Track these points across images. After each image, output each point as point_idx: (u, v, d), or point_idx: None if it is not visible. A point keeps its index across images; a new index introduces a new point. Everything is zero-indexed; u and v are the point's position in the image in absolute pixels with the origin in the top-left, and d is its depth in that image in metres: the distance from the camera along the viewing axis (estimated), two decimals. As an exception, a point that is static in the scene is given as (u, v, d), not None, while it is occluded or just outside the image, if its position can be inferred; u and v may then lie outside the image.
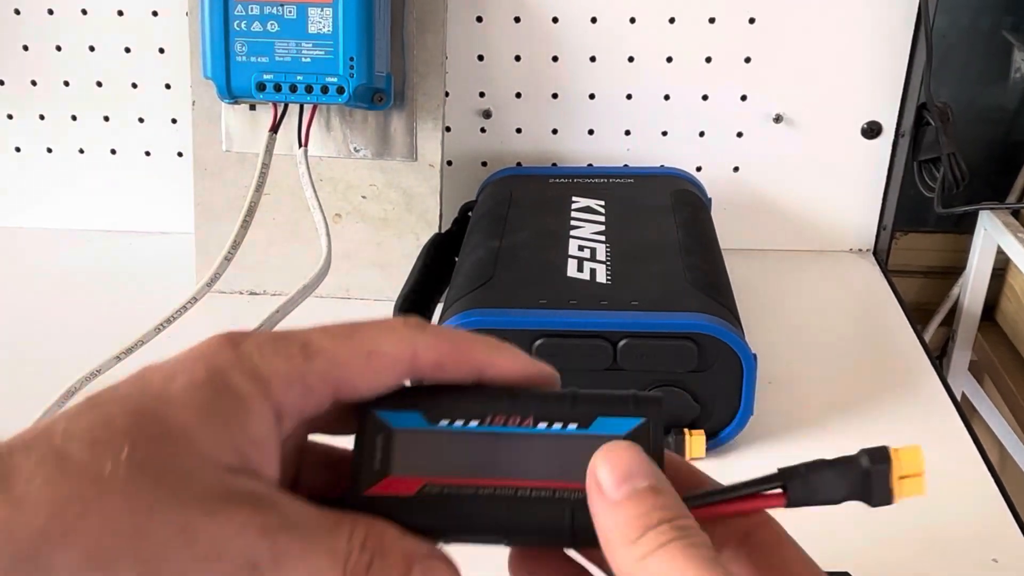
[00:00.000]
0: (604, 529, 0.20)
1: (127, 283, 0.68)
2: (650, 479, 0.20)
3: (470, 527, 0.21)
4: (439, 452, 0.22)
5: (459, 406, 0.22)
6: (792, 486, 0.21)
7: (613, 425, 0.22)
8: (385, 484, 0.21)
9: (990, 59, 0.79)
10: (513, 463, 0.21)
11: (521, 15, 0.66)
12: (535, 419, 0.22)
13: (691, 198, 0.61)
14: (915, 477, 0.21)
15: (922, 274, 0.86)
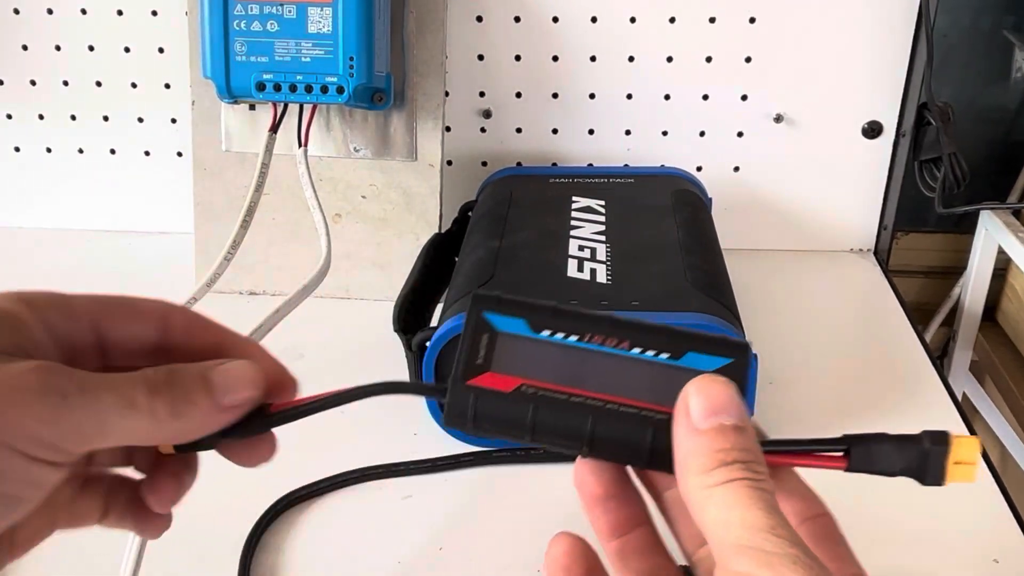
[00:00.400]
0: (682, 453, 0.21)
1: (126, 283, 0.68)
2: (736, 418, 0.21)
3: (557, 430, 0.23)
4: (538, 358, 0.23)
5: (562, 321, 0.23)
6: (855, 451, 0.23)
7: (703, 361, 0.23)
8: (486, 378, 0.23)
9: (991, 59, 0.79)
10: (605, 379, 0.23)
11: (521, 15, 0.66)
12: (631, 344, 0.23)
13: (691, 198, 0.61)
14: (968, 465, 0.22)
15: (923, 274, 0.86)
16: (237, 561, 0.42)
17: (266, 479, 0.47)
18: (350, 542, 0.44)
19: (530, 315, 0.24)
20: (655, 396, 0.23)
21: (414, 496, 0.46)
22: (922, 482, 0.23)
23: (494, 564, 0.42)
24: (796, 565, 0.19)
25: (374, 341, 0.58)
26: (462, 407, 0.23)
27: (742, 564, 0.19)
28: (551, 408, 0.23)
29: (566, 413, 0.23)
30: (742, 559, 0.19)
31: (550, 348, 0.23)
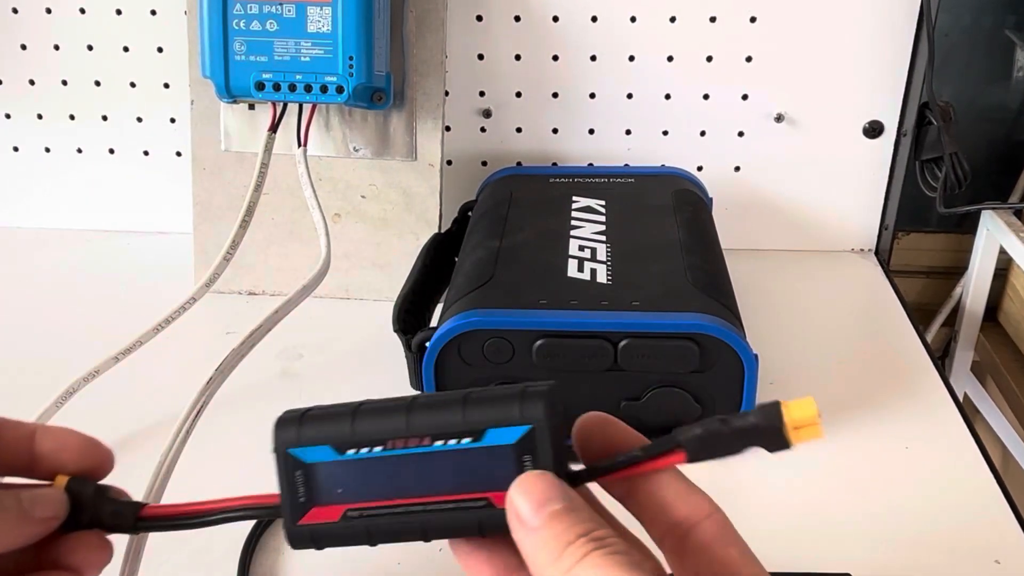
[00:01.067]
0: (530, 553, 0.22)
1: (125, 283, 0.68)
2: (563, 501, 0.22)
3: (394, 535, 0.24)
4: (352, 480, 0.24)
5: (358, 436, 0.24)
6: (690, 447, 0.23)
7: (502, 435, 0.24)
8: (313, 514, 0.25)
9: (992, 58, 0.79)
10: (419, 482, 0.24)
11: (521, 14, 0.66)
12: (432, 438, 0.24)
13: (692, 198, 0.61)
14: (810, 426, 0.23)
15: (924, 274, 0.86)
16: (236, 562, 0.42)
17: (265, 479, 0.46)
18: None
19: (331, 436, 0.25)
20: (468, 485, 0.24)
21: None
22: (769, 451, 0.23)
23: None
24: None
25: (374, 341, 0.57)
26: (303, 540, 0.25)
27: None
28: (380, 522, 0.24)
29: (395, 522, 0.24)
30: None
31: (359, 466, 0.24)
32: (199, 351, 0.54)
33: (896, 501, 0.46)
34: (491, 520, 0.23)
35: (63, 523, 0.26)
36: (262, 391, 0.55)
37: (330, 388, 0.55)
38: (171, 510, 0.26)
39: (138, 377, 0.53)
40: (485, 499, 0.23)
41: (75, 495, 0.26)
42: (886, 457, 0.49)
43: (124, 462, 0.49)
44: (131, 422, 0.51)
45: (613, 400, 0.47)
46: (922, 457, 0.49)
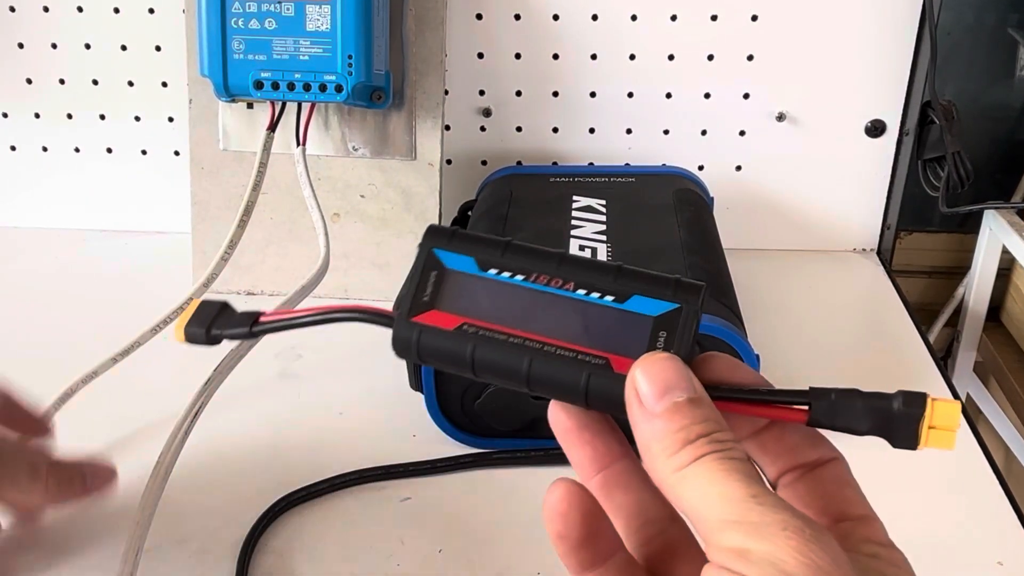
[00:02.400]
0: (644, 439, 0.21)
1: (123, 283, 0.68)
2: (689, 392, 0.21)
3: (495, 368, 0.23)
4: (482, 297, 0.24)
5: (510, 260, 0.24)
6: (817, 404, 0.22)
7: (648, 305, 0.23)
8: (429, 315, 0.24)
9: (995, 56, 0.79)
10: (547, 320, 0.23)
11: (521, 12, 0.66)
12: (576, 285, 0.23)
13: (693, 197, 0.61)
14: (946, 431, 0.22)
15: (926, 274, 0.85)
16: (235, 563, 0.42)
17: (264, 481, 0.46)
18: (348, 544, 0.43)
19: (479, 253, 0.24)
20: (594, 340, 0.23)
21: (413, 498, 0.46)
22: (893, 444, 0.22)
23: (494, 566, 0.42)
24: (786, 531, 0.18)
25: (373, 342, 0.57)
26: (406, 341, 0.24)
27: (731, 539, 0.19)
28: (489, 347, 0.23)
29: (504, 353, 0.23)
30: (730, 534, 0.19)
31: (496, 287, 0.24)
32: (197, 351, 0.53)
33: (897, 502, 0.46)
34: (602, 383, 0.22)
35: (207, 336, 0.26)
36: (261, 392, 0.54)
37: (329, 389, 0.55)
38: (283, 313, 0.25)
39: (136, 378, 0.53)
40: (605, 359, 0.22)
41: (204, 310, 0.26)
42: (887, 457, 0.49)
43: (123, 463, 0.49)
44: (129, 423, 0.51)
45: (614, 401, 0.47)
46: (924, 457, 0.48)
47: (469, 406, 0.48)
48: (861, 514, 0.22)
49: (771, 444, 0.23)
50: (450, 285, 0.24)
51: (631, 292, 0.23)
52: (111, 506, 0.46)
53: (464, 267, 0.24)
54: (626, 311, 0.23)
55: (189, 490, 0.43)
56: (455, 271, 0.24)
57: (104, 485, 0.40)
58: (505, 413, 0.47)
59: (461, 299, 0.24)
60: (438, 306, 0.24)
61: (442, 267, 0.24)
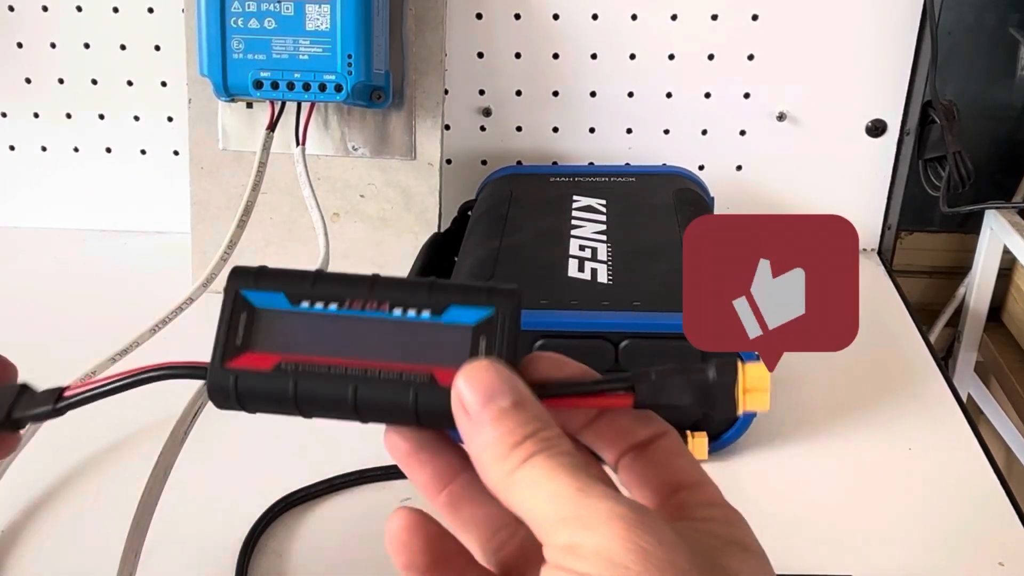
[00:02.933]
0: (475, 449, 0.21)
1: (122, 283, 0.67)
2: (512, 396, 0.21)
3: (321, 402, 0.23)
4: (297, 332, 0.23)
5: (320, 289, 0.23)
6: (640, 387, 0.23)
7: (465, 314, 0.23)
8: (244, 359, 0.23)
9: (996, 56, 0.79)
10: (366, 345, 0.23)
11: (521, 12, 0.66)
12: (391, 305, 0.23)
13: (693, 197, 0.60)
14: (760, 392, 0.22)
15: (927, 274, 0.85)
16: (234, 564, 0.42)
17: (263, 481, 0.46)
18: (348, 545, 0.43)
19: (288, 287, 0.23)
20: (416, 356, 0.22)
21: (413, 499, 0.46)
22: (713, 412, 0.23)
23: (494, 568, 0.42)
24: (610, 520, 0.19)
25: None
26: (223, 389, 0.23)
27: (562, 536, 0.19)
28: (311, 381, 0.23)
29: (327, 385, 0.22)
30: (561, 531, 0.19)
31: (309, 319, 0.23)
32: (196, 352, 0.53)
33: (899, 502, 0.46)
34: (431, 400, 0.22)
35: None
36: (260, 392, 0.54)
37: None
38: (89, 384, 0.25)
39: (135, 378, 0.52)
40: (430, 374, 0.22)
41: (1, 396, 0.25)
42: (889, 458, 0.49)
43: (122, 463, 0.49)
44: (128, 423, 0.51)
45: (614, 401, 0.46)
46: (925, 458, 0.49)
47: (469, 406, 0.47)
48: (694, 480, 0.23)
49: (605, 430, 0.24)
50: (262, 324, 0.23)
51: (446, 303, 0.23)
52: (110, 507, 0.45)
53: (274, 303, 0.23)
54: (444, 324, 0.23)
55: (189, 491, 0.43)
56: (265, 309, 0.23)
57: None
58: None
59: (275, 337, 0.23)
60: (252, 348, 0.23)
61: (251, 307, 0.23)
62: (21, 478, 0.46)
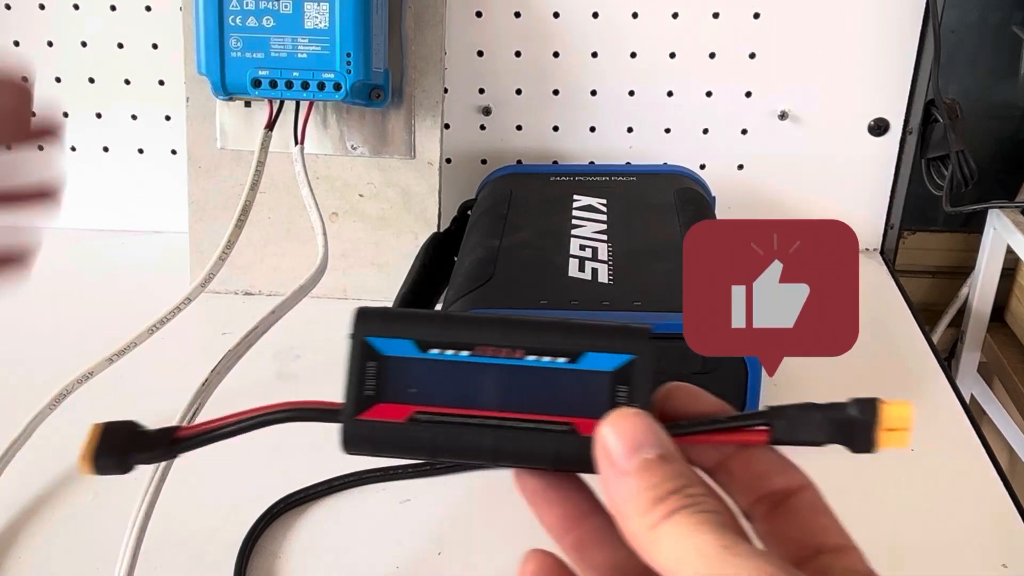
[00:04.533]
0: (616, 499, 0.21)
1: (120, 283, 0.67)
2: (658, 448, 0.21)
3: (457, 452, 0.23)
4: (429, 381, 0.23)
5: (450, 335, 0.23)
6: (777, 424, 0.22)
7: (600, 360, 0.23)
8: (376, 410, 0.23)
9: (999, 55, 0.78)
10: (501, 394, 0.22)
11: (521, 10, 0.65)
12: (525, 351, 0.23)
13: (695, 196, 0.60)
14: (901, 431, 0.22)
15: (930, 274, 0.85)
16: (232, 566, 0.41)
17: (263, 482, 0.46)
18: (347, 546, 0.43)
19: (415, 333, 0.23)
20: (553, 406, 0.22)
21: (412, 499, 0.46)
22: (852, 450, 0.22)
23: (494, 568, 0.41)
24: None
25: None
26: (358, 441, 0.23)
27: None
28: (447, 433, 0.22)
29: (463, 436, 0.22)
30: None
31: (440, 367, 0.23)
32: (194, 352, 0.53)
33: (901, 504, 0.46)
34: (570, 449, 0.22)
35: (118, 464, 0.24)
36: (258, 393, 0.54)
37: (328, 390, 0.54)
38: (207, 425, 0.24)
39: (133, 379, 0.52)
40: (568, 424, 0.22)
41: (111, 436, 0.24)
42: (891, 459, 0.48)
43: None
44: (125, 424, 0.51)
45: (615, 402, 0.46)
46: (928, 459, 0.48)
47: (469, 407, 0.47)
48: (839, 544, 0.22)
49: (739, 472, 0.23)
50: (392, 374, 0.23)
51: (581, 349, 0.22)
52: (108, 508, 0.45)
53: (402, 351, 0.23)
54: (581, 371, 0.22)
55: (186, 492, 0.43)
56: (394, 357, 0.23)
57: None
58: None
59: (407, 386, 0.23)
60: (384, 398, 0.23)
61: (379, 356, 0.23)
62: (20, 478, 0.46)
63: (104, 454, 0.24)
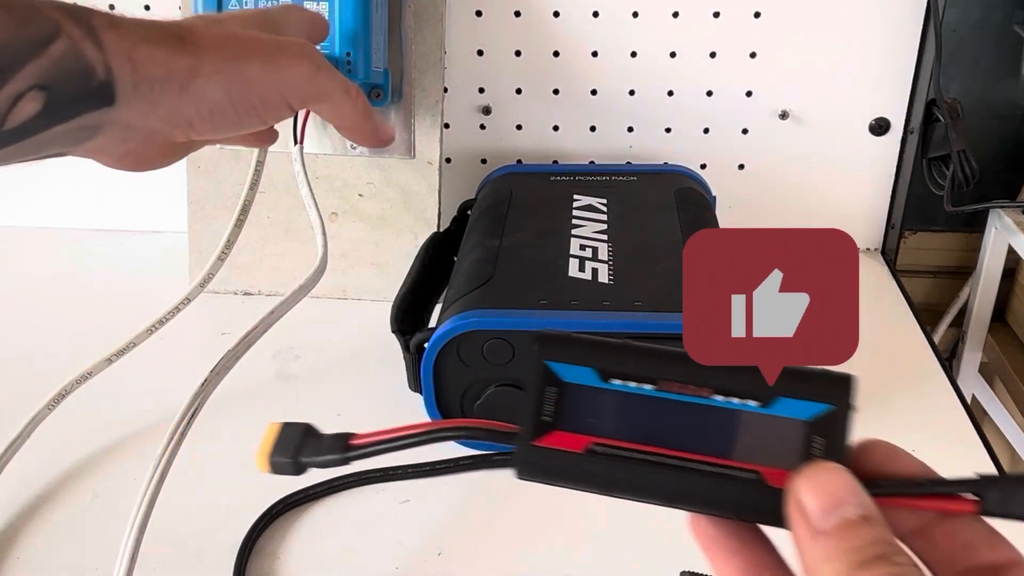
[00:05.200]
0: (809, 559, 0.19)
1: (119, 283, 0.67)
2: (861, 508, 0.19)
3: (635, 489, 0.22)
4: (609, 413, 0.22)
5: (634, 366, 0.22)
6: (989, 496, 0.20)
7: (796, 407, 0.21)
8: (553, 438, 0.22)
9: (1001, 54, 0.78)
10: (685, 433, 0.21)
11: (521, 9, 0.65)
12: (712, 390, 0.22)
13: (695, 196, 0.60)
14: None
15: (931, 274, 0.85)
16: (232, 566, 0.41)
17: (262, 482, 0.46)
18: (347, 547, 0.43)
19: (598, 361, 0.22)
20: (741, 451, 0.21)
21: (412, 500, 0.46)
22: None
23: (494, 569, 0.41)
24: None
25: (371, 342, 0.57)
26: (531, 467, 0.22)
27: None
28: (626, 469, 0.22)
29: (642, 474, 0.21)
30: None
31: (622, 399, 0.22)
32: (194, 352, 0.53)
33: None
34: (758, 500, 0.21)
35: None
36: (258, 393, 0.54)
37: (327, 390, 0.54)
38: (380, 434, 0.23)
39: (132, 379, 0.52)
40: (756, 472, 0.21)
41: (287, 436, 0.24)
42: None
43: (118, 464, 0.48)
44: (125, 424, 0.51)
45: (615, 402, 0.46)
46: (929, 460, 0.48)
47: (469, 407, 0.47)
48: None
49: (942, 541, 0.21)
50: (572, 401, 0.22)
51: (775, 394, 0.21)
52: (107, 509, 0.45)
53: (584, 379, 0.22)
54: (773, 416, 0.21)
55: (185, 492, 0.43)
56: (575, 385, 0.22)
57: (388, 137, 0.45)
58: (505, 415, 0.47)
59: (586, 416, 0.22)
60: (562, 426, 0.22)
61: (560, 381, 0.22)
62: (19, 478, 0.45)
63: (279, 453, 0.23)
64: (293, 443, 0.24)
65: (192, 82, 0.34)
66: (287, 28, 0.42)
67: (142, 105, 0.33)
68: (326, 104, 0.40)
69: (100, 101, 0.33)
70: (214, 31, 0.36)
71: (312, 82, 0.38)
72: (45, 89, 0.31)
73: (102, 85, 0.32)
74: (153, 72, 0.33)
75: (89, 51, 0.32)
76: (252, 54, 0.36)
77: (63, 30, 0.31)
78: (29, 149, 0.33)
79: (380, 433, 0.23)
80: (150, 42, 0.33)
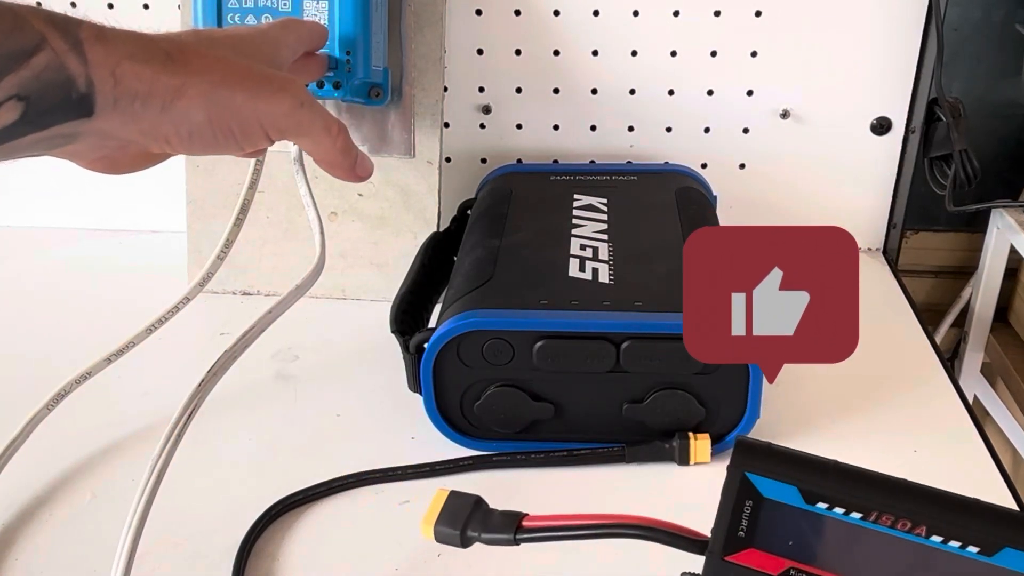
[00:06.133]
0: None
1: (117, 283, 0.67)
2: None
3: None
4: (810, 537, 0.20)
5: (842, 491, 0.20)
6: None
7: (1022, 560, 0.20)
8: (747, 555, 0.21)
9: (1003, 53, 0.78)
10: (892, 570, 0.20)
11: (521, 8, 0.65)
12: (928, 529, 0.20)
13: (696, 195, 0.60)
14: None
15: (933, 274, 0.85)
16: (231, 567, 0.41)
17: (261, 483, 0.46)
18: (346, 548, 0.43)
19: (803, 481, 0.21)
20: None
21: (412, 501, 0.45)
22: None
23: (494, 570, 0.41)
24: None
25: (371, 342, 0.57)
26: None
27: None
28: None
29: None
30: None
31: (826, 525, 0.20)
32: (192, 352, 0.53)
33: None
34: None
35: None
36: (256, 393, 0.54)
37: (326, 390, 0.54)
38: (552, 519, 0.22)
39: (130, 379, 0.52)
40: None
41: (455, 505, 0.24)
42: (894, 460, 0.48)
43: (116, 465, 0.48)
44: (123, 424, 0.50)
45: (615, 402, 0.46)
46: (931, 460, 0.48)
47: (468, 408, 0.47)
48: None
49: None
50: (769, 519, 0.21)
51: (1001, 543, 0.19)
52: (106, 509, 0.45)
53: (785, 498, 0.21)
54: (996, 567, 0.19)
55: (184, 493, 0.43)
56: (775, 502, 0.21)
57: (366, 174, 0.45)
58: (505, 415, 0.47)
59: (784, 538, 0.21)
60: (757, 544, 0.21)
61: (758, 496, 0.21)
62: (18, 479, 0.45)
63: (445, 523, 0.23)
64: (462, 515, 0.23)
65: (175, 103, 0.35)
66: (284, 48, 0.43)
67: (121, 118, 0.34)
68: (305, 139, 0.41)
69: (78, 112, 0.33)
70: (204, 52, 0.37)
71: (292, 117, 0.39)
72: (24, 100, 0.31)
73: (82, 97, 0.32)
74: (136, 88, 0.34)
75: (72, 64, 0.32)
76: (238, 83, 0.37)
77: (47, 42, 0.31)
78: (3, 153, 0.33)
79: (553, 518, 0.22)
80: (136, 59, 0.34)
